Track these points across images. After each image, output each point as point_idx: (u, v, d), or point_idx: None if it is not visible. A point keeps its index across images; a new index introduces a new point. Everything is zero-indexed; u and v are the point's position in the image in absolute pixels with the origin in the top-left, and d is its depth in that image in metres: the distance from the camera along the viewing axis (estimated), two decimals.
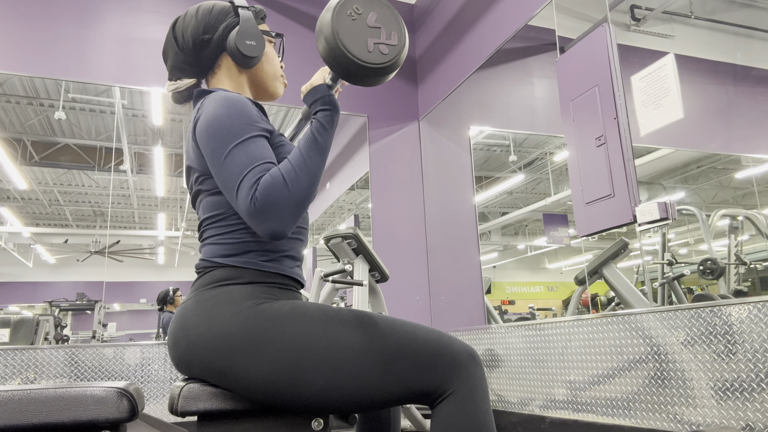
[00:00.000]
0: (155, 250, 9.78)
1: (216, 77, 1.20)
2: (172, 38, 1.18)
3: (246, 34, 1.15)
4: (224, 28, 1.16)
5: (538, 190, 7.28)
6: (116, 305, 10.15)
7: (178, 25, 1.18)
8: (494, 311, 4.41)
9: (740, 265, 3.57)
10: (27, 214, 9.21)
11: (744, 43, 3.53)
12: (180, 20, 1.19)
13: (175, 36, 1.17)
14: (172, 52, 1.18)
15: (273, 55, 1.25)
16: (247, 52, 1.14)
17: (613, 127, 2.01)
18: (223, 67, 1.19)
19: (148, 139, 7.39)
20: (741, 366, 1.59)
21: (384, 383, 0.96)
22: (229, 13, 1.18)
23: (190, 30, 1.16)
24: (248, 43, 1.14)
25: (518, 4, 2.77)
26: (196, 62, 1.18)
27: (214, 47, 1.17)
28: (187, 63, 1.18)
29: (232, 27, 1.17)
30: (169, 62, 1.20)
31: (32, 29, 2.94)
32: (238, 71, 1.20)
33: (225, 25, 1.16)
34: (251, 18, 1.17)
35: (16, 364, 2.57)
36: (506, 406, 2.63)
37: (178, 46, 1.17)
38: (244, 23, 1.16)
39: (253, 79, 1.22)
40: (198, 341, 0.98)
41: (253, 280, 1.04)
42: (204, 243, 1.11)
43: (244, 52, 1.14)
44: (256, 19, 1.21)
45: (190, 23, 1.16)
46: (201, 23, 1.16)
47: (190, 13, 1.18)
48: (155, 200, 8.80)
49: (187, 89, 1.19)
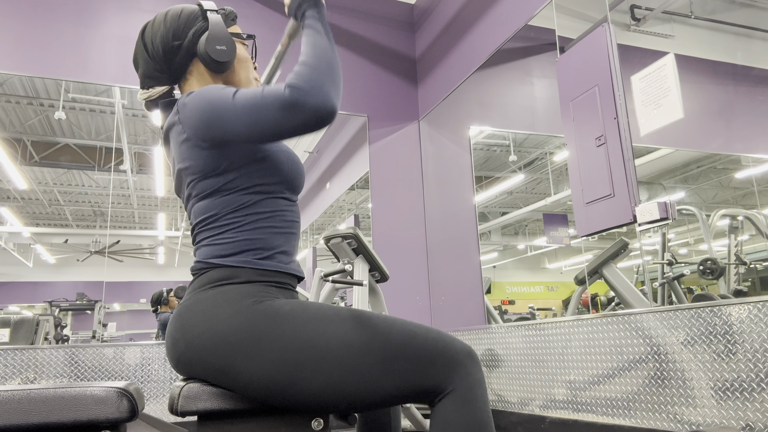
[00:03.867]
0: (155, 250, 9.78)
1: (188, 83, 1.18)
2: (141, 46, 1.16)
3: (216, 39, 1.12)
4: (193, 33, 1.14)
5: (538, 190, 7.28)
6: (116, 305, 10.16)
7: (147, 32, 1.16)
8: (494, 311, 4.41)
9: (740, 265, 3.57)
10: (27, 214, 9.21)
11: (744, 43, 3.53)
12: (149, 27, 1.16)
13: (144, 43, 1.15)
14: (143, 60, 1.16)
15: (246, 58, 1.22)
16: (217, 57, 1.12)
17: (613, 127, 2.01)
18: (195, 72, 1.17)
19: (148, 139, 7.41)
20: (741, 366, 1.59)
21: (383, 382, 0.96)
22: (197, 17, 1.16)
23: (159, 37, 1.14)
24: (218, 48, 1.12)
25: (518, 4, 2.77)
26: (168, 69, 1.16)
27: (184, 53, 1.15)
28: (158, 70, 1.16)
29: (201, 32, 1.14)
30: (140, 70, 1.18)
31: (32, 29, 2.94)
32: (210, 76, 1.17)
33: (194, 30, 1.14)
34: (220, 22, 1.15)
35: (16, 364, 2.57)
36: (506, 406, 2.63)
37: (148, 54, 1.15)
38: (213, 27, 1.13)
39: (226, 84, 1.20)
40: (197, 341, 0.98)
41: (250, 279, 1.04)
42: (198, 246, 1.11)
43: (215, 57, 1.12)
44: (227, 22, 1.19)
45: (159, 30, 1.14)
46: (170, 29, 1.14)
47: (159, 19, 1.15)
48: (155, 200, 8.80)
49: (160, 97, 1.18)
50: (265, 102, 0.94)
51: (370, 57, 3.79)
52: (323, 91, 0.94)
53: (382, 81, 3.81)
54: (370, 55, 3.79)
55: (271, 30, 3.45)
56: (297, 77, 0.94)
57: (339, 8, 3.75)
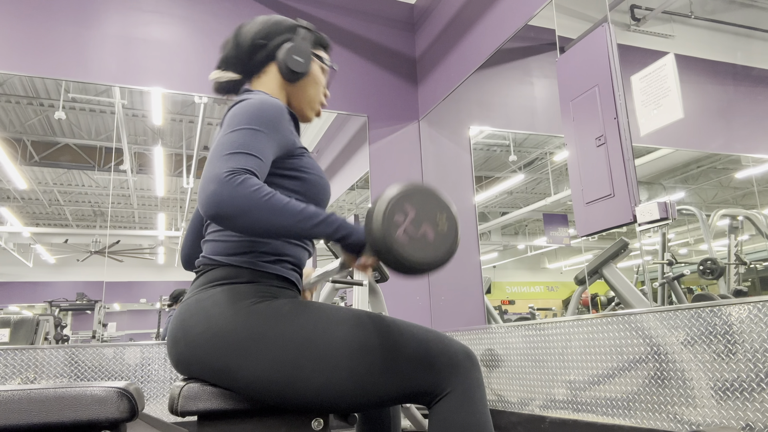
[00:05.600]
0: (155, 250, 9.78)
1: (260, 81, 1.24)
2: (235, 33, 1.24)
3: (296, 50, 1.20)
4: (281, 40, 1.22)
5: (538, 190, 7.28)
6: (116, 305, 10.15)
7: (245, 24, 1.24)
8: (494, 311, 4.41)
9: (740, 265, 3.57)
10: (27, 214, 9.22)
11: (744, 43, 3.53)
12: (249, 21, 1.26)
13: (238, 32, 1.24)
14: (230, 44, 1.24)
15: (319, 80, 1.27)
16: (292, 65, 1.19)
17: (613, 127, 2.01)
18: (270, 74, 1.23)
19: (148, 139, 7.39)
20: (741, 366, 1.59)
21: (382, 382, 0.96)
22: (292, 29, 1.24)
23: (252, 32, 1.22)
24: (295, 58, 1.19)
25: (518, 4, 2.77)
26: (247, 61, 1.23)
27: (265, 54, 1.22)
28: (237, 59, 1.23)
29: (288, 41, 1.22)
30: (223, 53, 1.25)
31: (32, 29, 2.94)
32: (281, 83, 1.23)
33: (283, 38, 1.22)
34: (308, 38, 1.24)
35: (16, 364, 2.57)
36: (506, 406, 2.63)
37: (236, 41, 1.23)
38: (298, 40, 1.21)
39: (293, 96, 1.25)
40: (197, 340, 0.98)
41: (252, 279, 1.04)
42: (205, 240, 1.12)
43: (290, 65, 1.19)
44: (315, 44, 1.27)
45: (254, 26, 1.23)
46: (263, 29, 1.22)
47: (259, 19, 1.25)
48: (155, 200, 8.81)
49: (228, 82, 1.24)
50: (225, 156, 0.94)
51: (370, 57, 3.79)
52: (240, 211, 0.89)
53: (382, 81, 3.81)
54: (370, 55, 3.79)
55: None
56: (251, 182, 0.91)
57: (339, 8, 3.75)
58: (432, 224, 0.96)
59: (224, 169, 0.91)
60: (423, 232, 0.94)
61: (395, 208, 0.94)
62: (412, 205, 0.95)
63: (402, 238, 0.92)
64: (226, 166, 0.92)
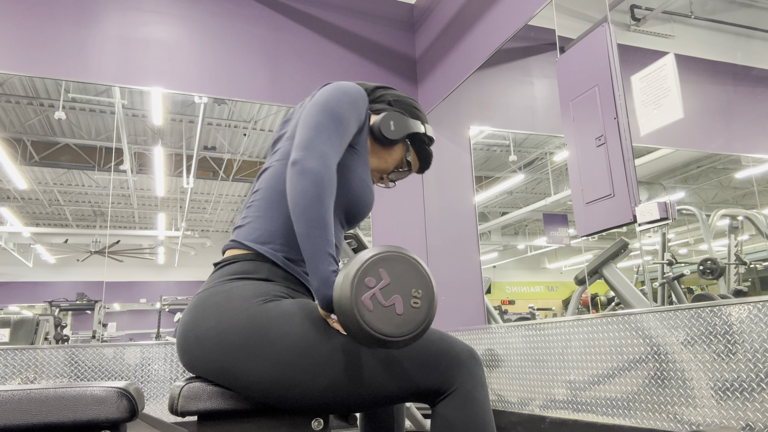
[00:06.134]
0: (155, 250, 9.77)
1: None
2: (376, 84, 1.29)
3: (395, 120, 1.19)
4: (391, 102, 1.23)
5: (538, 190, 7.26)
6: (116, 305, 10.12)
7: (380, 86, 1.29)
8: (494, 311, 4.41)
9: (740, 265, 3.57)
10: (27, 214, 9.21)
11: (744, 43, 3.53)
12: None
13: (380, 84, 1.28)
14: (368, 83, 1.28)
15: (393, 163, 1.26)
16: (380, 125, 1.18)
17: (613, 127, 2.01)
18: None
19: (148, 139, 7.38)
20: (741, 366, 1.59)
21: (387, 382, 0.96)
22: (408, 108, 1.24)
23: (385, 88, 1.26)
24: (388, 122, 1.18)
25: (518, 4, 2.77)
26: None
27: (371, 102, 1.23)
28: None
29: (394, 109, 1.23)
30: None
31: (32, 29, 2.94)
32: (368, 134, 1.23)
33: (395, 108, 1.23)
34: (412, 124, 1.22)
35: (16, 364, 2.57)
36: (506, 406, 2.63)
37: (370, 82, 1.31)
38: (404, 117, 1.21)
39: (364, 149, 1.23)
40: (206, 335, 0.99)
41: (269, 277, 1.05)
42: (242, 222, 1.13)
43: (379, 124, 1.18)
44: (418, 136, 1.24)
45: (392, 89, 1.27)
46: (393, 92, 1.25)
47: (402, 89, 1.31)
48: (155, 200, 8.80)
49: None
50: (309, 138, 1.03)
51: (370, 57, 3.79)
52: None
53: (382, 81, 3.81)
54: (370, 55, 3.79)
55: (271, 30, 3.45)
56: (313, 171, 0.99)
57: (339, 8, 3.75)
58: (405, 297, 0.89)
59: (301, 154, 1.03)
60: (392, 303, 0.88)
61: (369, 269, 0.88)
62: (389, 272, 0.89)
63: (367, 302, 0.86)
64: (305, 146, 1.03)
